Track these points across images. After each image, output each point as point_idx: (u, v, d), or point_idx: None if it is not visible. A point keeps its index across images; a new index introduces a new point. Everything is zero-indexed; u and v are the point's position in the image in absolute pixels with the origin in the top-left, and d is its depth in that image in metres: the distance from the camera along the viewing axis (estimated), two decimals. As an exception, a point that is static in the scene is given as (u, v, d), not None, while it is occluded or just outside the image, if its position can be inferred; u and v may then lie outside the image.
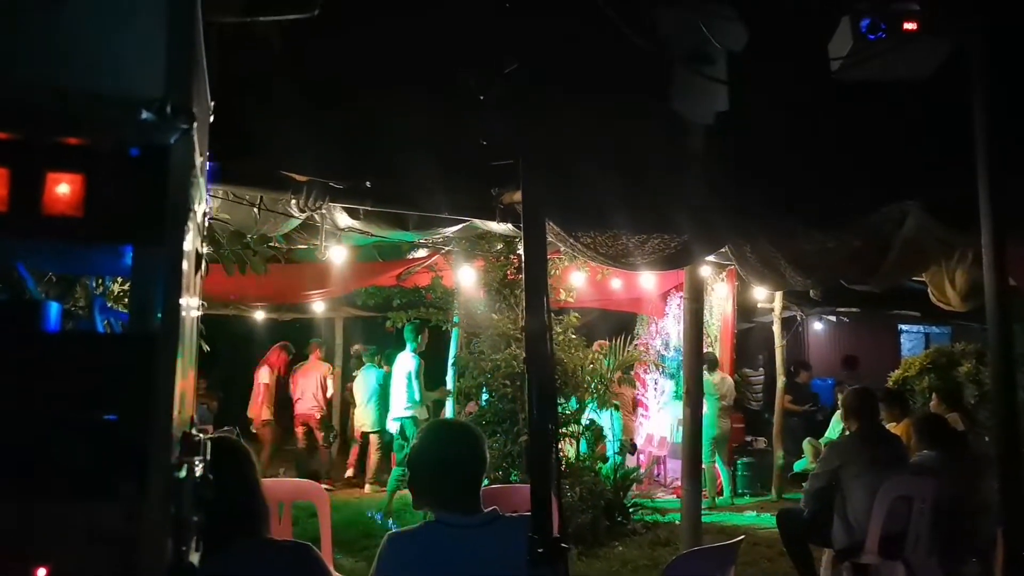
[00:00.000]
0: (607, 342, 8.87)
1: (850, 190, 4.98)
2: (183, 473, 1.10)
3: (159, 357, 0.99)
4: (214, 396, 10.81)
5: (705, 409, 8.81)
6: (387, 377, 10.09)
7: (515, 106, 2.68)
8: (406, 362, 8.62)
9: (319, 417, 10.26)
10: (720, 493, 9.19)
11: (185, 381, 1.20)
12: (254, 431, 9.90)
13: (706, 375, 8.92)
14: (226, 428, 2.69)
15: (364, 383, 10.15)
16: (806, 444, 9.29)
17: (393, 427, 8.65)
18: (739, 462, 9.74)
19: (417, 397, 8.48)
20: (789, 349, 10.58)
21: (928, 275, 5.97)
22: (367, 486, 9.77)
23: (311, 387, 10.27)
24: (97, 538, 1.02)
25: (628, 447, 8.64)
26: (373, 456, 9.93)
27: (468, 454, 2.48)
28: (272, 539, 2.27)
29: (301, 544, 2.29)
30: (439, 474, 2.45)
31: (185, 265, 1.06)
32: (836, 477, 4.88)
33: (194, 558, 1.18)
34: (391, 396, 8.84)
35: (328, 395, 10.48)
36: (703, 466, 7.49)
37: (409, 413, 8.43)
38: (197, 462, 1.19)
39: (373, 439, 9.92)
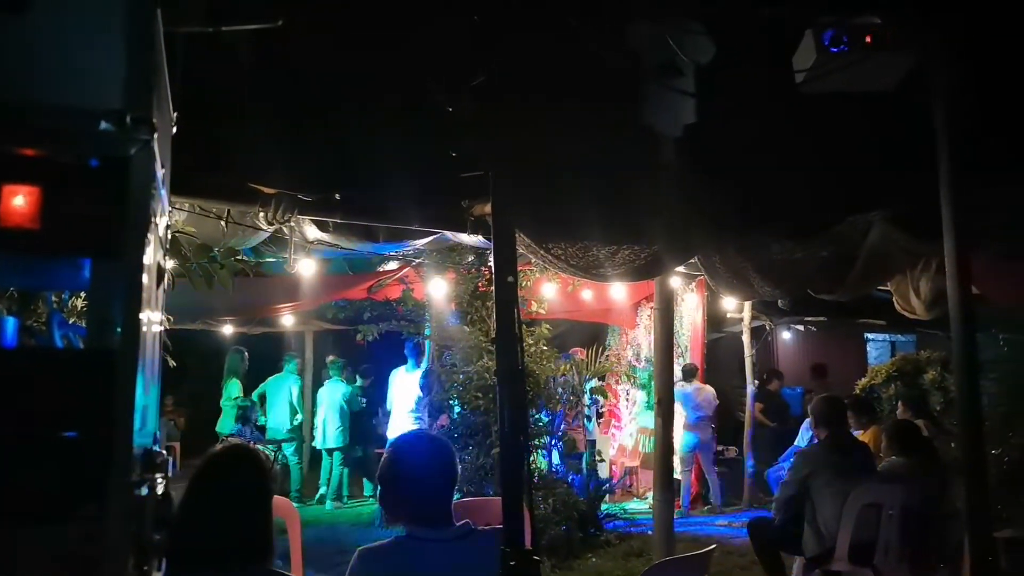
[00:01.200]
0: (583, 350, 8.91)
1: (817, 201, 5.05)
2: (144, 491, 1.08)
3: (118, 373, 0.97)
4: (182, 412, 10.63)
5: (685, 418, 8.89)
6: (353, 391, 9.99)
7: (484, 118, 2.69)
8: (404, 378, 8.42)
9: (287, 431, 10.02)
10: (696, 501, 9.22)
11: (147, 397, 1.18)
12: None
13: (684, 385, 8.97)
14: (257, 442, 2.61)
15: (328, 397, 9.90)
16: None
17: None
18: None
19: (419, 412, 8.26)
20: (759, 358, 10.66)
21: (893, 284, 6.06)
22: (328, 502, 9.63)
23: (283, 401, 10.08)
24: (56, 558, 1.00)
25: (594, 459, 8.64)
26: (336, 472, 9.80)
27: (438, 467, 2.46)
28: (270, 570, 2.14)
29: None
30: (409, 488, 2.42)
31: (145, 279, 1.04)
32: (806, 485, 4.91)
33: (156, 578, 1.16)
34: (393, 410, 8.56)
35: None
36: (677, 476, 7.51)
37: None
38: (159, 479, 1.17)
39: (335, 456, 9.78)
